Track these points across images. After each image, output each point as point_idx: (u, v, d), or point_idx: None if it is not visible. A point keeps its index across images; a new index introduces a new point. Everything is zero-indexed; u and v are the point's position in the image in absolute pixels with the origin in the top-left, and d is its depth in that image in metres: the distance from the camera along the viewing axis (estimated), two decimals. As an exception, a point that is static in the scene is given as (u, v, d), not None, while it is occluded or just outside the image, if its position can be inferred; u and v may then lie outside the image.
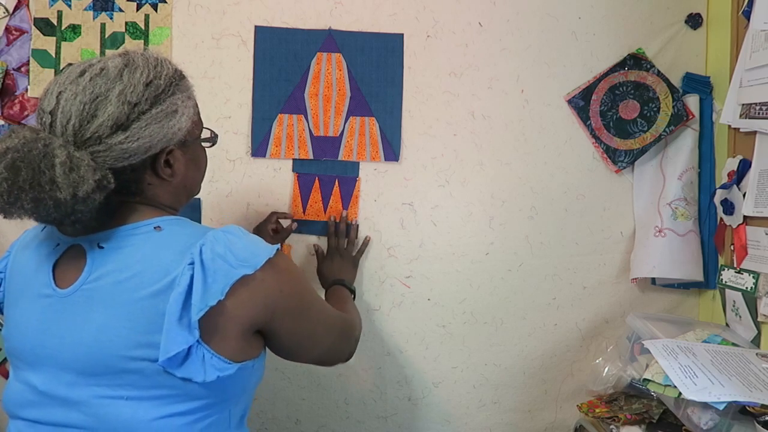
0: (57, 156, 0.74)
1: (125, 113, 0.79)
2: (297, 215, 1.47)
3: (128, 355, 0.77)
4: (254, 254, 0.81)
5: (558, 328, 1.52)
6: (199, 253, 0.77)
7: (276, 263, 0.84)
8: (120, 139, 0.78)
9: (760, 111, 1.24)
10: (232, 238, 0.81)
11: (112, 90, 0.79)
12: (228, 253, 0.79)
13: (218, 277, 0.77)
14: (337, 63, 1.47)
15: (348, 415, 1.52)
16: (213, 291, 0.76)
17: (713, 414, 1.07)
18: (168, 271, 0.77)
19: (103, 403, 0.78)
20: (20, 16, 1.42)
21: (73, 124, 0.77)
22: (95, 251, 0.81)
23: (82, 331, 0.79)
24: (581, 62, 1.49)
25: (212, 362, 0.78)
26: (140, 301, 0.77)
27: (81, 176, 0.74)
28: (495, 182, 1.50)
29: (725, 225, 1.39)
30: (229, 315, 0.79)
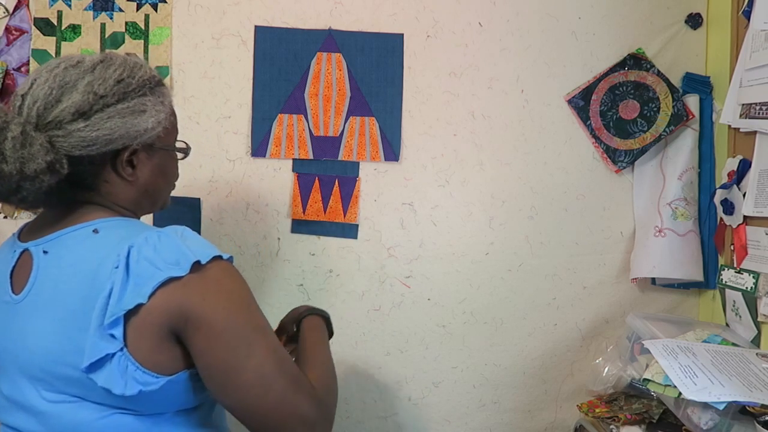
0: (11, 131, 0.75)
1: (89, 103, 0.79)
2: (297, 215, 1.47)
3: (61, 361, 0.76)
4: (185, 257, 0.75)
5: (558, 328, 1.52)
6: (126, 255, 0.74)
7: (207, 270, 0.77)
8: (80, 126, 0.79)
9: (760, 111, 1.24)
10: (165, 240, 0.77)
11: (81, 80, 0.80)
12: (155, 255, 0.75)
13: (141, 280, 0.73)
14: (337, 63, 1.47)
15: (348, 415, 1.52)
16: (132, 295, 0.73)
17: (713, 414, 1.07)
18: (96, 274, 0.75)
19: (48, 408, 0.78)
20: (20, 16, 1.42)
21: (38, 106, 0.79)
22: (40, 256, 0.81)
23: (27, 336, 0.79)
24: (581, 62, 1.49)
25: (135, 375, 0.73)
26: (71, 306, 0.76)
27: (31, 154, 0.75)
28: (495, 182, 1.50)
29: (725, 225, 1.39)
30: (150, 320, 0.74)
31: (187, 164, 1.44)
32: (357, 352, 1.50)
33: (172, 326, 0.75)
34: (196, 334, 0.75)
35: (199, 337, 0.75)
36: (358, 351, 1.50)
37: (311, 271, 1.49)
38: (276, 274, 1.47)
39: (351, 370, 1.51)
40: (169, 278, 0.74)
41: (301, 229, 1.48)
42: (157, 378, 0.75)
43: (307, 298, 1.48)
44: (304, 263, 1.48)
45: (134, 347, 0.74)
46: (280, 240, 1.48)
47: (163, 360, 0.76)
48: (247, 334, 0.78)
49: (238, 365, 0.76)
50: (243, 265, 1.47)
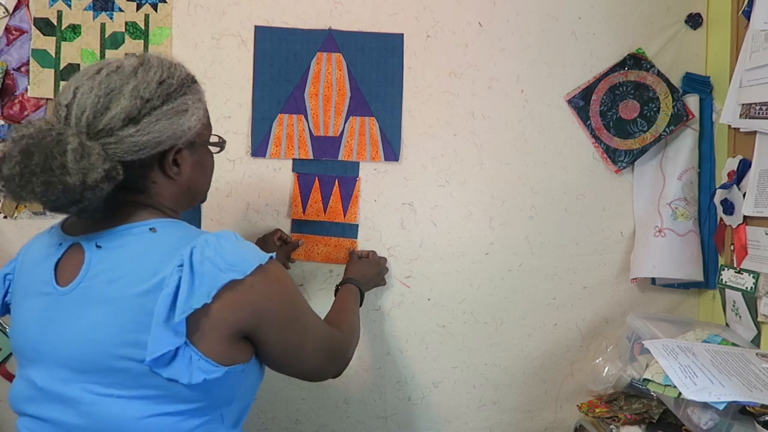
0: (69, 143, 0.76)
1: (137, 107, 0.81)
2: (297, 215, 1.47)
3: (116, 354, 0.77)
4: (244, 259, 0.81)
5: (558, 328, 1.52)
6: (189, 255, 0.78)
7: (267, 270, 0.84)
8: (131, 131, 0.81)
9: (760, 111, 1.24)
10: (224, 243, 0.81)
11: (126, 85, 0.82)
12: (217, 257, 0.79)
13: (206, 280, 0.78)
14: (337, 63, 1.47)
15: (348, 415, 1.52)
16: (199, 294, 0.77)
17: (713, 414, 1.07)
18: (156, 271, 0.78)
19: (94, 400, 0.79)
20: (20, 16, 1.42)
21: (87, 115, 0.80)
22: (93, 250, 0.82)
23: (76, 328, 0.80)
24: (581, 62, 1.49)
25: (199, 364, 0.78)
26: (129, 300, 0.78)
27: (91, 164, 0.76)
28: (495, 182, 1.50)
29: (725, 225, 1.39)
30: (216, 318, 0.79)
31: (187, 164, 1.45)
32: (357, 352, 1.48)
33: (244, 326, 0.82)
34: (269, 328, 0.85)
35: (273, 330, 0.86)
36: (358, 351, 1.48)
37: (311, 271, 1.49)
38: (276, 274, 1.47)
39: (351, 370, 1.50)
40: (231, 280, 0.79)
41: (301, 229, 1.48)
42: (218, 367, 0.80)
43: (307, 298, 1.48)
44: (304, 263, 1.48)
45: (197, 341, 0.78)
46: (280, 240, 1.48)
47: (224, 352, 0.81)
48: (304, 319, 0.93)
49: (303, 343, 0.92)
50: (243, 265, 1.47)
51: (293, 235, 1.48)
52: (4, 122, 1.42)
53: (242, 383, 0.87)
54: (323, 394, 1.51)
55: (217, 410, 0.84)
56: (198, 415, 0.82)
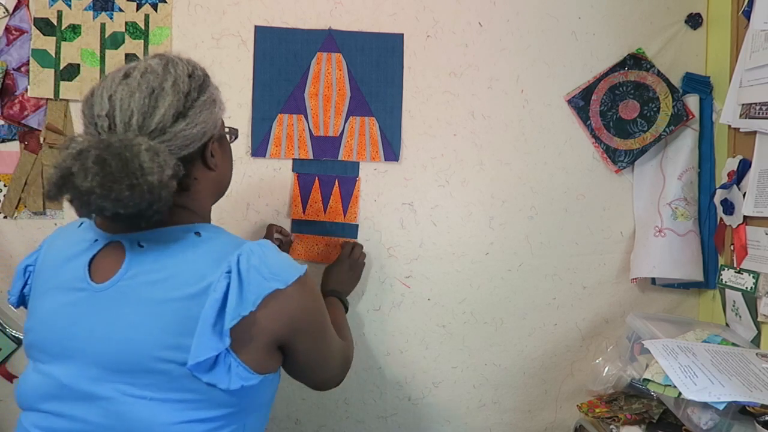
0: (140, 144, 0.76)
1: (182, 102, 0.82)
2: (297, 215, 1.47)
3: (156, 356, 0.77)
4: (286, 270, 0.83)
5: (558, 328, 1.52)
6: (237, 262, 0.79)
7: (305, 282, 0.86)
8: (182, 126, 0.82)
9: (760, 111, 1.24)
10: (267, 252, 0.83)
11: (166, 82, 0.82)
12: (263, 266, 0.81)
13: (252, 287, 0.79)
14: (337, 63, 1.47)
15: (348, 415, 1.52)
16: (247, 301, 0.78)
17: (713, 414, 1.07)
18: (204, 276, 0.78)
19: (125, 401, 0.78)
20: (20, 16, 1.42)
21: (136, 119, 0.79)
22: (135, 249, 0.82)
23: (113, 326, 0.79)
24: (581, 62, 1.49)
25: (237, 371, 0.80)
26: (173, 303, 0.78)
27: (164, 161, 0.77)
28: (495, 182, 1.50)
29: (725, 225, 1.39)
30: (258, 326, 0.80)
31: (187, 164, 1.45)
32: (357, 352, 1.50)
33: (281, 335, 0.84)
34: (302, 338, 0.88)
35: (304, 340, 0.88)
36: (358, 351, 1.50)
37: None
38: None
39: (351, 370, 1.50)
40: (275, 290, 0.81)
41: (301, 229, 1.48)
42: (254, 375, 0.81)
43: (307, 298, 1.48)
44: (303, 263, 1.48)
45: (238, 348, 0.79)
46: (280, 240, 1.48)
47: (261, 360, 0.83)
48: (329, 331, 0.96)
49: (326, 353, 0.96)
50: (243, 265, 1.47)
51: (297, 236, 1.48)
52: (4, 122, 1.42)
53: (269, 392, 0.89)
54: (323, 394, 1.51)
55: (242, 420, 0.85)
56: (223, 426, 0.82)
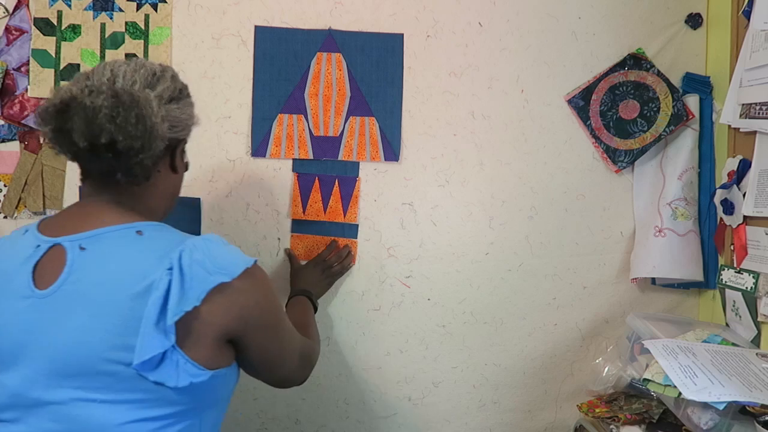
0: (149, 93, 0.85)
1: (177, 90, 0.91)
2: (297, 215, 1.47)
3: (104, 357, 0.77)
4: (232, 263, 0.82)
5: (558, 328, 1.52)
6: (179, 258, 0.79)
7: (253, 274, 0.85)
8: (174, 107, 0.89)
9: (760, 111, 1.24)
10: (211, 246, 0.82)
11: (166, 72, 0.91)
12: (206, 260, 0.80)
13: (195, 283, 0.78)
14: (337, 63, 1.47)
15: (348, 415, 1.52)
16: (189, 297, 0.77)
17: (713, 414, 1.07)
18: (146, 274, 0.78)
19: (77, 405, 0.78)
20: (20, 16, 1.42)
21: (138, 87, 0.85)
22: (76, 252, 0.81)
23: (60, 331, 0.78)
24: (581, 62, 1.49)
25: (186, 368, 0.79)
26: (118, 303, 0.77)
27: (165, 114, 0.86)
28: (495, 182, 1.50)
29: (725, 225, 1.39)
30: (204, 321, 0.80)
31: (187, 164, 1.45)
32: (357, 352, 1.50)
33: (230, 329, 0.83)
34: (255, 333, 0.87)
35: (257, 335, 0.87)
36: (358, 351, 1.50)
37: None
38: (276, 274, 1.47)
39: (351, 370, 1.51)
40: (221, 283, 0.80)
41: (301, 229, 1.48)
42: (204, 371, 0.80)
43: (307, 298, 1.48)
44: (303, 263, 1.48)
45: (185, 344, 0.79)
46: (280, 240, 1.48)
47: (210, 356, 0.82)
48: (284, 325, 0.96)
49: (282, 349, 0.95)
50: (243, 265, 1.47)
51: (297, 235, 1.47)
52: (4, 122, 1.42)
53: (224, 388, 0.87)
54: (323, 394, 1.51)
55: (197, 416, 0.84)
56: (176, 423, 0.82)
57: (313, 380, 1.50)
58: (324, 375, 1.50)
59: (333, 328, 1.49)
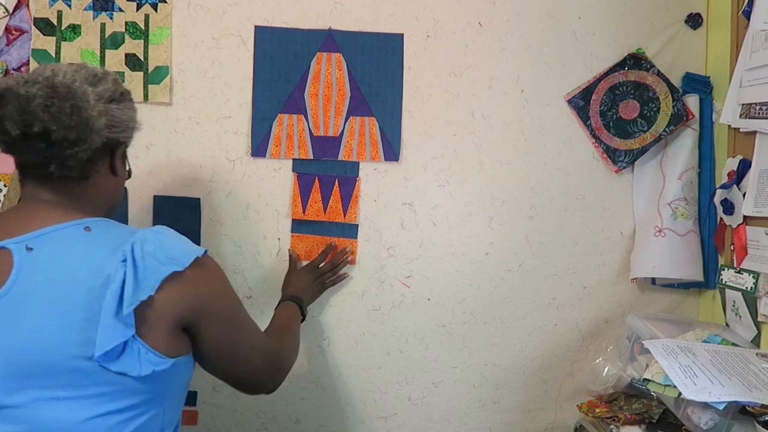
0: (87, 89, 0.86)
1: (118, 93, 0.92)
2: (297, 215, 1.47)
3: (66, 354, 0.77)
4: (184, 252, 0.84)
5: (558, 328, 1.52)
6: (131, 250, 0.80)
7: (205, 264, 0.87)
8: (113, 107, 0.90)
9: (760, 111, 1.24)
10: (162, 237, 0.84)
11: (108, 76, 0.92)
12: (158, 251, 0.82)
13: (148, 273, 0.80)
14: (337, 63, 1.47)
15: (348, 415, 1.52)
16: (144, 287, 0.79)
17: (713, 414, 1.07)
18: (101, 269, 0.79)
19: (41, 405, 0.77)
20: (20, 16, 1.42)
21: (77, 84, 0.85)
22: (23, 253, 0.80)
23: (16, 333, 0.78)
24: (581, 62, 1.49)
25: (147, 357, 0.80)
26: (75, 300, 0.78)
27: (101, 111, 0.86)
28: (495, 182, 1.50)
29: (725, 225, 1.39)
30: (160, 311, 0.81)
31: (187, 164, 1.45)
32: (357, 352, 1.50)
33: (184, 317, 0.84)
34: (207, 322, 0.87)
35: (210, 324, 0.88)
36: (358, 351, 1.50)
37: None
38: (276, 274, 1.47)
39: (351, 370, 1.51)
40: (173, 272, 0.81)
41: (301, 229, 1.48)
42: (164, 359, 0.82)
43: (307, 298, 1.48)
44: (304, 263, 1.48)
45: (143, 333, 0.80)
46: (280, 240, 1.48)
47: (169, 344, 0.83)
48: (241, 319, 0.95)
49: (239, 343, 0.94)
50: (243, 265, 1.47)
51: (297, 236, 1.48)
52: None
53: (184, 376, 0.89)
54: (323, 394, 1.51)
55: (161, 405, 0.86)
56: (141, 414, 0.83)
57: (313, 380, 1.50)
58: (324, 375, 1.50)
59: (333, 328, 1.49)
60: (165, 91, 1.43)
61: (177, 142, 1.45)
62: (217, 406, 1.49)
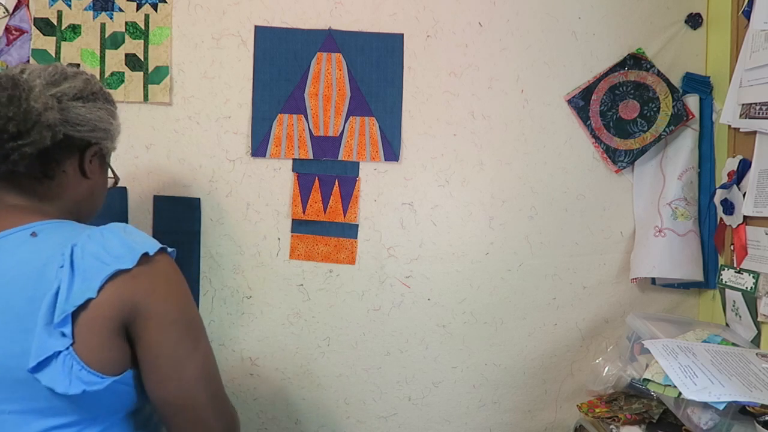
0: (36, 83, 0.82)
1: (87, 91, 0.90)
2: (297, 215, 1.47)
3: (5, 365, 0.75)
4: (130, 249, 0.78)
5: (558, 328, 1.52)
6: (70, 254, 0.76)
7: (155, 261, 0.80)
8: (78, 105, 0.88)
9: (760, 111, 1.24)
10: (108, 236, 0.79)
11: (80, 75, 0.90)
12: (101, 251, 0.76)
13: (88, 275, 0.75)
14: (337, 63, 1.47)
15: (348, 415, 1.52)
16: (81, 290, 0.74)
17: (713, 414, 1.07)
18: (41, 276, 0.75)
19: None
20: (20, 16, 1.42)
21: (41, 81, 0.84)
22: None
23: None
24: (581, 62, 1.49)
25: (80, 374, 0.74)
26: (16, 309, 0.75)
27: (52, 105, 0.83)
28: (495, 182, 1.50)
29: (725, 225, 1.39)
30: (99, 315, 0.75)
31: (187, 164, 1.45)
32: (357, 352, 1.51)
33: (123, 318, 0.77)
34: (147, 324, 0.78)
35: (150, 327, 0.78)
36: (358, 351, 1.50)
37: (311, 271, 1.49)
38: (276, 274, 1.47)
39: (351, 370, 1.51)
40: (117, 271, 0.76)
41: (301, 229, 1.48)
42: (102, 378, 0.75)
43: (307, 298, 1.48)
44: (304, 263, 1.48)
45: (82, 345, 0.74)
46: (280, 240, 1.48)
47: (110, 358, 0.77)
48: (193, 328, 0.83)
49: (184, 358, 0.81)
50: (243, 265, 1.47)
51: (297, 236, 1.48)
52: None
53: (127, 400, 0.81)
54: (323, 394, 1.51)
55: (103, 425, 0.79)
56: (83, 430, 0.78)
57: (313, 380, 1.50)
58: (324, 375, 1.50)
59: (333, 328, 1.50)
60: (165, 91, 1.43)
61: (177, 142, 1.45)
62: (217, 406, 1.49)
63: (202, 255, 1.46)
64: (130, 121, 1.43)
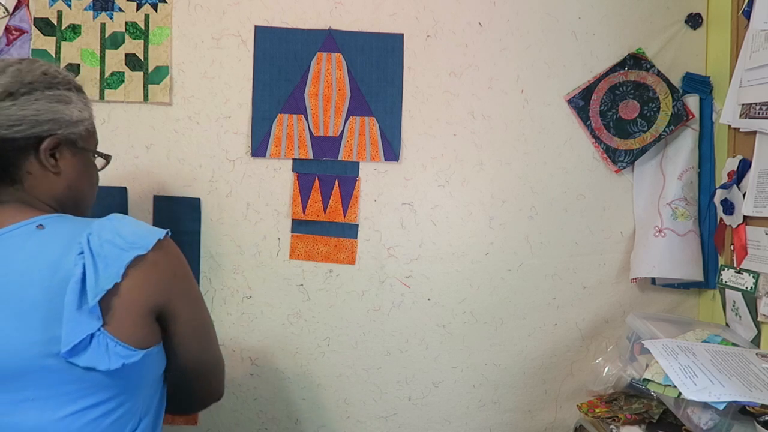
0: None
1: (17, 85, 0.84)
2: (297, 215, 1.47)
3: (27, 355, 0.75)
4: (143, 236, 0.82)
5: (558, 328, 1.52)
6: (87, 242, 0.78)
7: (166, 246, 0.85)
8: (7, 104, 0.82)
9: (760, 111, 1.24)
10: (118, 224, 0.82)
11: (10, 68, 0.85)
12: (116, 237, 0.79)
13: (110, 261, 0.77)
14: (337, 63, 1.47)
15: (348, 415, 1.52)
16: (107, 275, 0.77)
17: (713, 414, 1.07)
18: (58, 264, 0.77)
19: (8, 410, 0.76)
20: (20, 16, 1.42)
21: None
22: None
23: None
24: (581, 62, 1.49)
25: (116, 350, 0.78)
26: (34, 300, 0.76)
27: None
28: (495, 182, 1.50)
29: (725, 225, 1.39)
30: (128, 298, 0.79)
31: (187, 164, 1.45)
32: (357, 352, 1.51)
33: (155, 303, 0.83)
34: (180, 302, 0.86)
35: (183, 304, 0.87)
36: (358, 351, 1.50)
37: (311, 271, 1.49)
38: (276, 274, 1.47)
39: (351, 370, 1.51)
40: (137, 256, 0.79)
41: (301, 229, 1.48)
42: (135, 351, 0.80)
43: (307, 298, 1.48)
44: (304, 263, 1.48)
45: (114, 326, 0.78)
46: (280, 240, 1.48)
47: (143, 334, 0.82)
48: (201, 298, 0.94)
49: (208, 322, 0.94)
50: (243, 265, 1.47)
51: (297, 236, 1.48)
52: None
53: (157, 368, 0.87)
54: (323, 394, 1.51)
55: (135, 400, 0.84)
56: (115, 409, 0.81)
57: (313, 380, 1.50)
58: (324, 375, 1.50)
59: (333, 328, 1.50)
60: (165, 91, 1.43)
61: (177, 142, 1.45)
62: (216, 406, 1.48)
63: (202, 255, 1.46)
64: (130, 121, 1.43)
